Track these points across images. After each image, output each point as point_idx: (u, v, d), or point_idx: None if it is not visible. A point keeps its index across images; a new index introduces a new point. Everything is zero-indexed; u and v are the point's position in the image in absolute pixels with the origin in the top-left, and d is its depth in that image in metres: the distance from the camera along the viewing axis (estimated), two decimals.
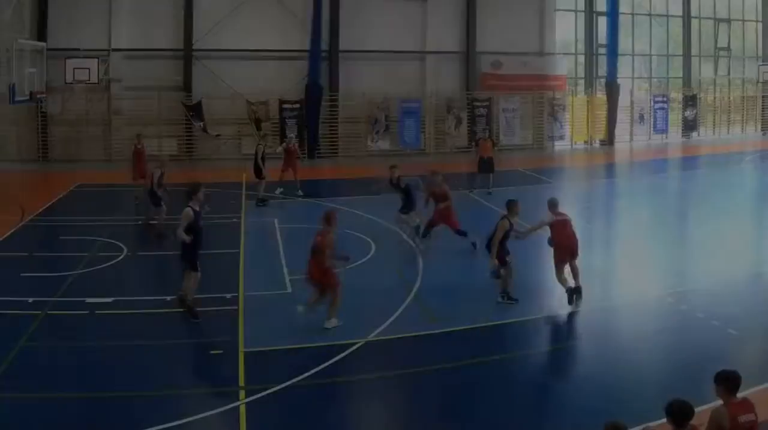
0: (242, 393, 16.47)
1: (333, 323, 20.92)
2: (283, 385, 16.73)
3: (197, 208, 21.43)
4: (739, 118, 73.27)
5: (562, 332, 21.25)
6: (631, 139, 65.99)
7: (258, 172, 37.95)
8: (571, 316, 21.88)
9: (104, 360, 18.58)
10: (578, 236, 23.45)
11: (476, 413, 15.88)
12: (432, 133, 59.14)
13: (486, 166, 41.37)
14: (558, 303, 22.61)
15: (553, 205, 23.68)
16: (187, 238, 20.82)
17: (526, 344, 19.91)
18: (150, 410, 15.77)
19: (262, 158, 38.12)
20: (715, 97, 72.12)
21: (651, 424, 12.75)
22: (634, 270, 26.77)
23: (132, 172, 37.42)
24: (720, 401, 11.56)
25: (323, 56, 56.04)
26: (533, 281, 24.66)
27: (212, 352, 18.97)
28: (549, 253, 23.26)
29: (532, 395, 16.87)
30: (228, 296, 23.06)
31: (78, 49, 50.34)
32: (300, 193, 39.61)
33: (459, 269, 27.04)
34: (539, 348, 19.86)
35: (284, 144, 41.78)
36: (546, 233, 23.52)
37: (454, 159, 52.88)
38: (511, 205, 23.24)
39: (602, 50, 65.10)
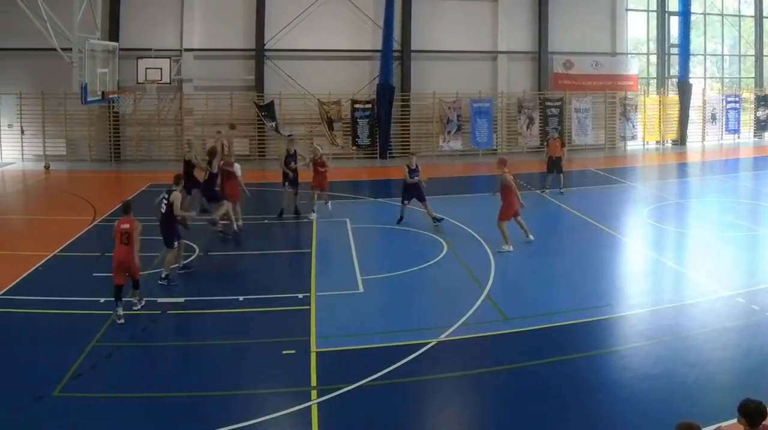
0: (314, 393, 16.08)
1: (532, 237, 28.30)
2: (354, 385, 16.34)
3: None
4: None
5: (633, 331, 20.10)
6: (703, 140, 63.22)
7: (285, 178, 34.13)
8: (641, 316, 20.94)
9: (176, 360, 18.53)
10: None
11: (547, 413, 15.33)
12: (504, 133, 57.08)
13: (554, 165, 40.01)
14: (630, 302, 22.22)
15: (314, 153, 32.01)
16: None
17: (597, 344, 19.09)
18: (222, 410, 15.42)
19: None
20: None
21: (723, 424, 12.67)
22: (705, 269, 25.47)
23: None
24: None
25: (395, 56, 54.27)
26: (603, 283, 24.32)
27: (284, 352, 18.28)
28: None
29: (603, 395, 16.08)
30: (300, 295, 22.48)
31: (150, 49, 49.50)
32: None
33: (532, 269, 26.33)
34: (610, 348, 18.90)
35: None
36: None
37: (527, 159, 51.12)
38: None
39: (674, 50, 62.50)
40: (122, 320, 20.31)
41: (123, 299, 20.56)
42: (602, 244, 29.05)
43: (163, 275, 23.49)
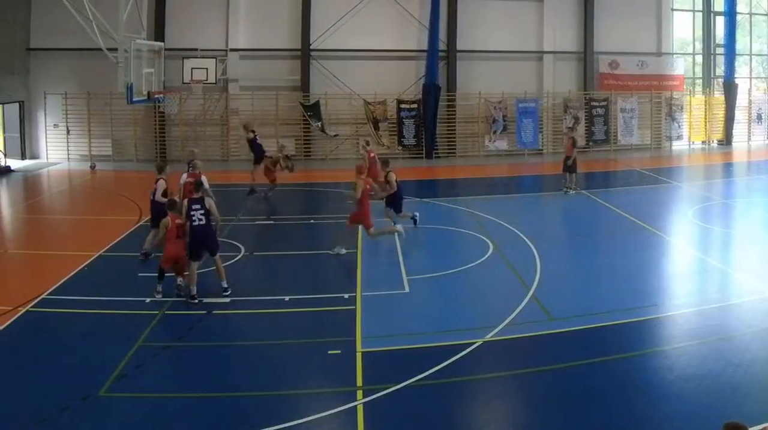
0: (360, 393, 15.69)
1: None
2: (400, 385, 15.94)
3: None
4: None
5: (678, 331, 19.50)
6: (749, 139, 61.07)
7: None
8: (687, 316, 20.35)
9: (221, 360, 18.10)
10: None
11: (593, 414, 14.95)
12: (550, 133, 55.38)
13: (564, 165, 38.94)
14: (675, 302, 21.61)
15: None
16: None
17: (642, 344, 18.46)
18: (268, 409, 15.19)
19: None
20: None
21: None
22: (750, 269, 24.68)
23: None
24: None
25: (441, 56, 52.81)
26: (648, 283, 23.61)
27: (330, 352, 17.90)
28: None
29: (648, 396, 15.51)
30: (346, 295, 22.05)
31: (195, 49, 48.63)
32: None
33: (577, 269, 25.75)
34: (655, 348, 18.27)
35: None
36: None
37: None
38: None
39: (720, 50, 60.44)
40: (160, 295, 21.37)
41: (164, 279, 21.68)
42: (647, 243, 28.38)
43: (225, 286, 22.28)
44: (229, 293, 21.95)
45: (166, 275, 21.84)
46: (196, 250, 21.73)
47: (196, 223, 21.62)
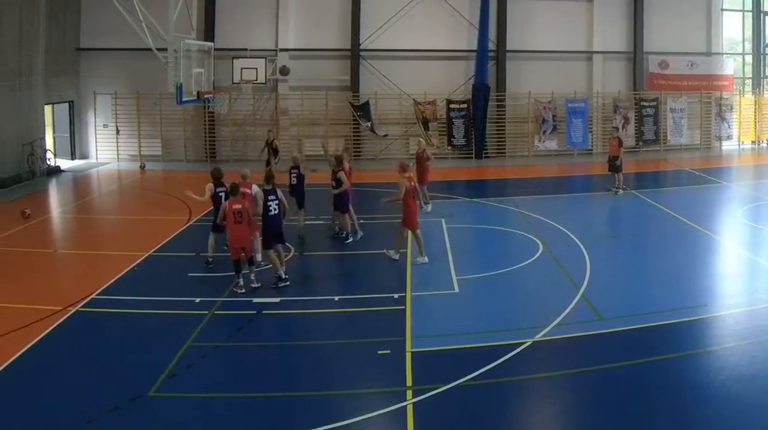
0: (409, 393, 15.50)
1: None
2: (450, 385, 15.73)
3: None
4: None
5: (728, 331, 19.09)
6: None
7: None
8: (737, 316, 19.88)
9: (271, 360, 17.84)
10: None
11: (643, 414, 14.61)
12: (599, 133, 53.43)
13: (611, 165, 38.14)
14: (725, 302, 21.21)
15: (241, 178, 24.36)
16: None
17: (692, 344, 18.10)
18: (317, 409, 15.00)
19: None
20: None
21: None
22: None
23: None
24: None
25: (490, 56, 51.31)
26: (698, 283, 23.22)
27: (379, 352, 17.66)
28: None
29: (699, 396, 15.34)
30: (396, 296, 21.71)
31: (245, 49, 47.79)
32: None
33: (626, 269, 25.25)
34: (706, 348, 17.94)
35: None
36: None
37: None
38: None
39: None
40: (243, 290, 21.69)
41: (243, 272, 22.01)
42: (697, 243, 27.89)
43: (284, 276, 22.62)
44: (287, 283, 22.37)
45: (241, 265, 22.16)
46: (270, 239, 22.47)
47: (272, 212, 22.36)
